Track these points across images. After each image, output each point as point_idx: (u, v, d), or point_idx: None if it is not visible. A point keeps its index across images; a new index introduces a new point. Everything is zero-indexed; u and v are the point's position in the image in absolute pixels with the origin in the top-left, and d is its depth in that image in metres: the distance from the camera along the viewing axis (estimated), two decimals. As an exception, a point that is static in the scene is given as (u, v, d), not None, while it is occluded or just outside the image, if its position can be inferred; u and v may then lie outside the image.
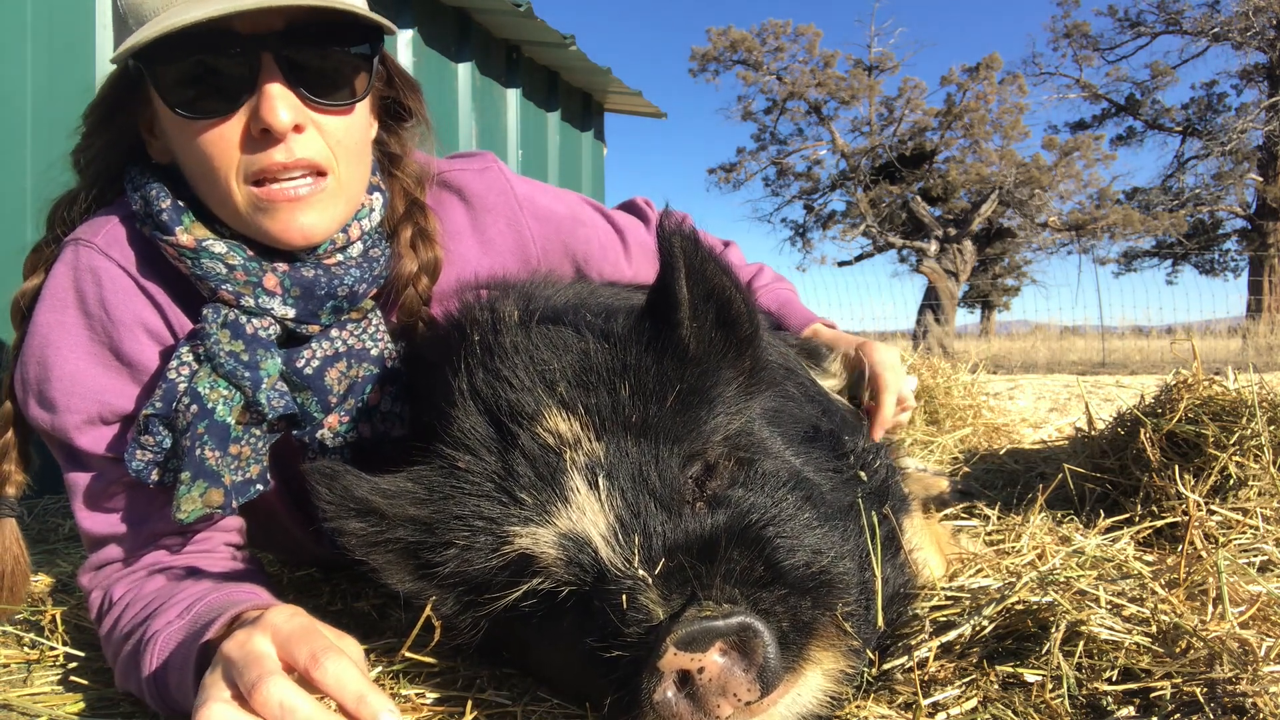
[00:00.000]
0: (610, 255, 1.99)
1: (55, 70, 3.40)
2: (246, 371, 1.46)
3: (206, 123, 1.41)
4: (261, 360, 1.47)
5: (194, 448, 1.43)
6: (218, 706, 1.06)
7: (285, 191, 1.44)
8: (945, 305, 24.15)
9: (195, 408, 1.43)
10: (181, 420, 1.44)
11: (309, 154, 1.44)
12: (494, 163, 1.85)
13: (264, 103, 1.38)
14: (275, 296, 1.50)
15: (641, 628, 1.02)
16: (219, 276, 1.48)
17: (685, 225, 1.22)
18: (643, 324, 1.24)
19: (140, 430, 1.45)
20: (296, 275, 1.51)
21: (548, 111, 7.55)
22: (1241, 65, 24.68)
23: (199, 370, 1.46)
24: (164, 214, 1.48)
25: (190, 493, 1.43)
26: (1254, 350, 14.91)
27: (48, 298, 1.52)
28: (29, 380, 1.52)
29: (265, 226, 1.47)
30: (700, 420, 1.22)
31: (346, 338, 1.58)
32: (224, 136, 1.41)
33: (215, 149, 1.42)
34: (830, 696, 1.10)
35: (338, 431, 1.56)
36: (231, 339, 1.46)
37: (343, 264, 1.56)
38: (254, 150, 1.42)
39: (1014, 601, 1.31)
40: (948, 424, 3.70)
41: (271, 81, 1.39)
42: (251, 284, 1.48)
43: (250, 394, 1.46)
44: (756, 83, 26.79)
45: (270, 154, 1.42)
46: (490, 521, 1.18)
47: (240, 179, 1.43)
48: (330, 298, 1.54)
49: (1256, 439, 1.99)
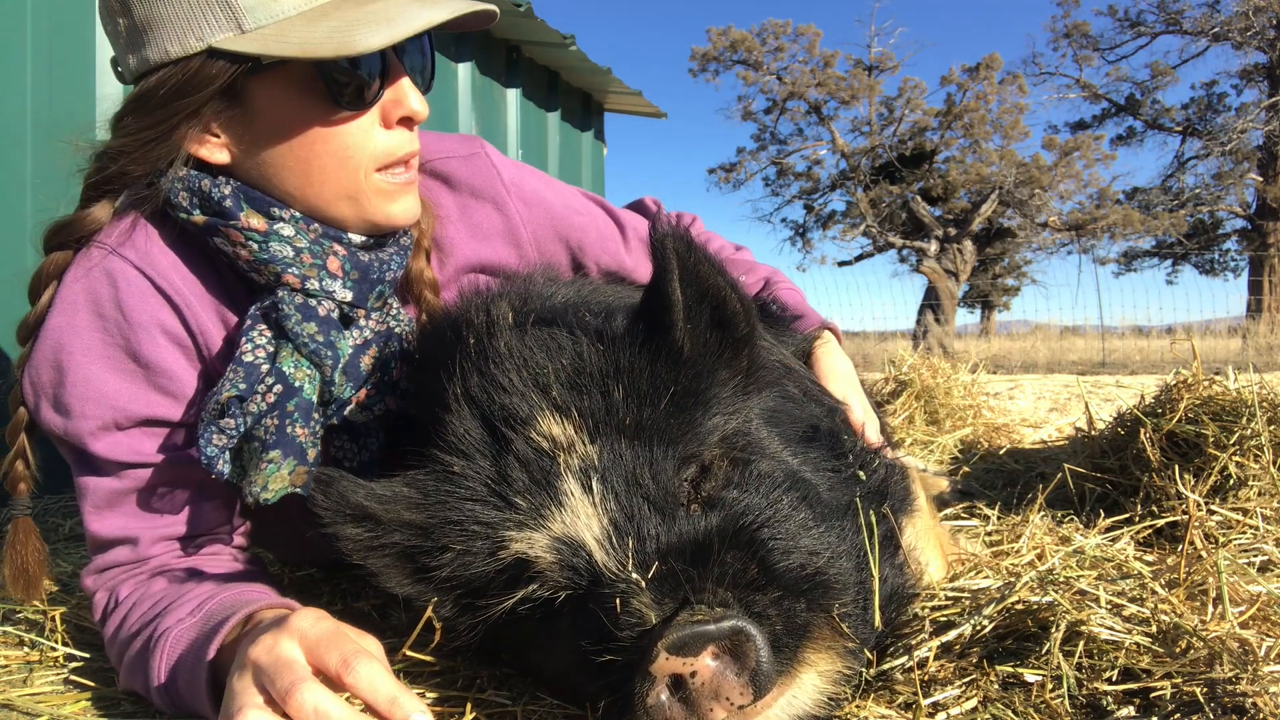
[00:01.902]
0: (609, 246, 1.99)
1: (55, 69, 3.40)
2: (328, 351, 1.49)
3: (348, 114, 1.49)
4: (336, 340, 1.52)
5: (285, 425, 1.45)
6: (254, 713, 1.07)
7: (402, 176, 1.57)
8: (945, 305, 24.16)
9: (279, 387, 1.45)
10: (260, 402, 1.44)
11: (415, 145, 1.59)
12: (481, 147, 1.85)
13: (407, 94, 1.52)
14: (337, 279, 1.54)
15: (634, 632, 1.02)
16: (286, 260, 1.50)
17: (681, 226, 1.22)
18: (637, 326, 1.24)
19: (216, 415, 1.43)
20: (355, 259, 1.56)
21: (548, 111, 7.55)
22: (1241, 65, 24.72)
23: (279, 350, 1.48)
24: (228, 199, 1.49)
25: (280, 471, 1.43)
26: (1254, 350, 14.91)
27: (60, 302, 1.50)
28: (41, 384, 1.50)
29: (386, 210, 1.56)
30: (695, 422, 1.22)
31: (375, 325, 1.61)
32: (361, 128, 1.51)
33: (354, 140, 1.50)
34: (827, 698, 1.09)
35: (365, 404, 1.57)
36: (304, 320, 1.49)
37: (389, 250, 1.62)
38: (390, 140, 1.54)
39: (1014, 601, 1.31)
40: (948, 424, 3.70)
41: (404, 75, 1.53)
42: (317, 267, 1.52)
43: (329, 372, 1.49)
44: (756, 83, 26.80)
45: (404, 143, 1.55)
46: (485, 526, 1.18)
47: (370, 169, 1.53)
48: (380, 282, 1.60)
49: (1256, 439, 1.99)
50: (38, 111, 3.34)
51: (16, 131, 3.30)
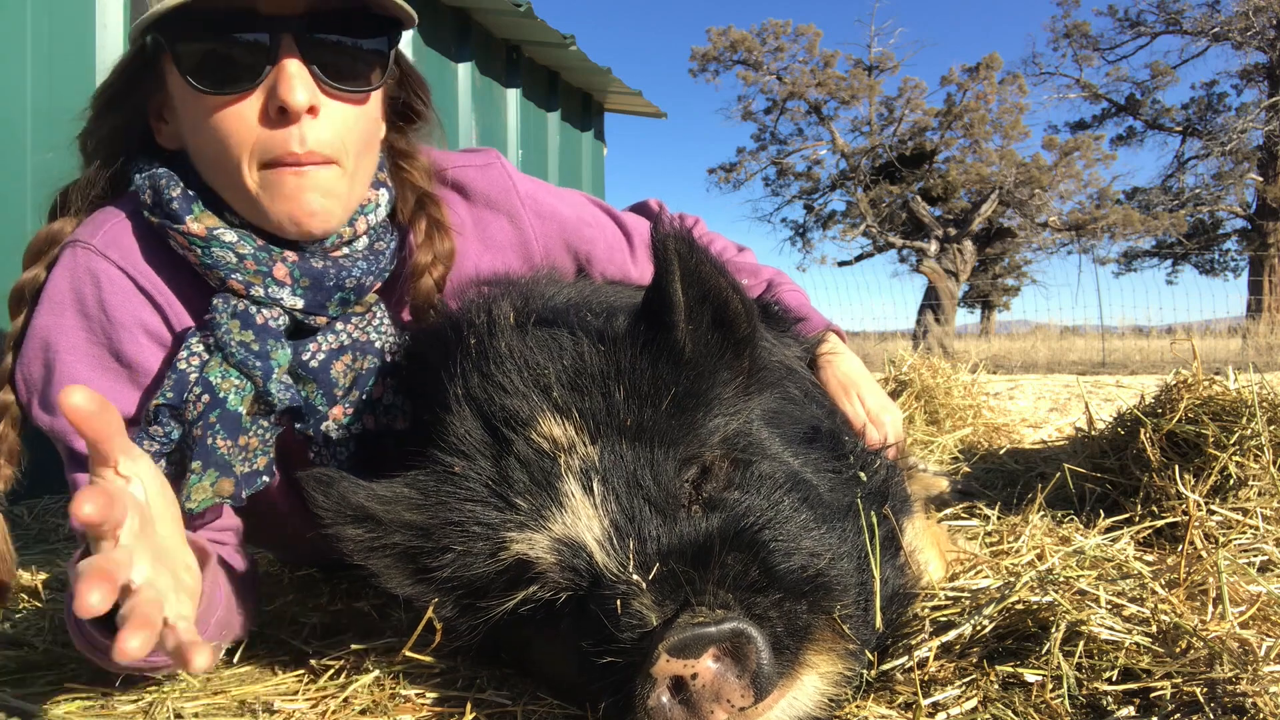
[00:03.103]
0: (616, 257, 1.99)
1: (55, 69, 3.40)
2: (258, 361, 1.46)
3: (224, 98, 1.41)
4: (272, 350, 1.48)
5: (206, 437, 1.44)
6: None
7: (294, 169, 1.44)
8: (945, 305, 24.14)
9: (207, 397, 1.44)
10: (192, 411, 1.44)
11: (320, 146, 1.44)
12: (497, 159, 1.85)
13: (282, 81, 1.39)
14: (285, 287, 1.51)
15: (635, 633, 1.02)
16: (229, 266, 1.48)
17: (684, 227, 1.22)
18: (638, 326, 1.24)
19: (149, 420, 1.45)
20: (305, 266, 1.52)
21: (548, 111, 7.55)
22: (1241, 65, 24.69)
23: (210, 360, 1.46)
24: (174, 202, 1.48)
25: (202, 482, 1.43)
26: (1254, 350, 14.90)
27: (46, 300, 1.52)
28: (32, 381, 1.52)
29: (275, 209, 1.46)
30: (696, 423, 1.22)
31: (351, 331, 1.59)
32: (240, 114, 1.42)
33: (231, 126, 1.42)
34: (828, 699, 1.09)
35: (342, 424, 1.56)
36: (242, 329, 1.47)
37: (349, 256, 1.58)
38: (270, 129, 1.42)
39: (1014, 601, 1.31)
40: (948, 424, 3.70)
41: (290, 60, 1.40)
42: (261, 274, 1.49)
43: (261, 384, 1.46)
44: (756, 83, 26.78)
45: (286, 142, 1.42)
46: (486, 527, 1.18)
47: (252, 163, 1.43)
48: (338, 289, 1.55)
49: (1256, 439, 1.99)
50: (38, 111, 3.34)
51: (17, 131, 3.30)
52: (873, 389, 2.02)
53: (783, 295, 2.27)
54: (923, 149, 26.25)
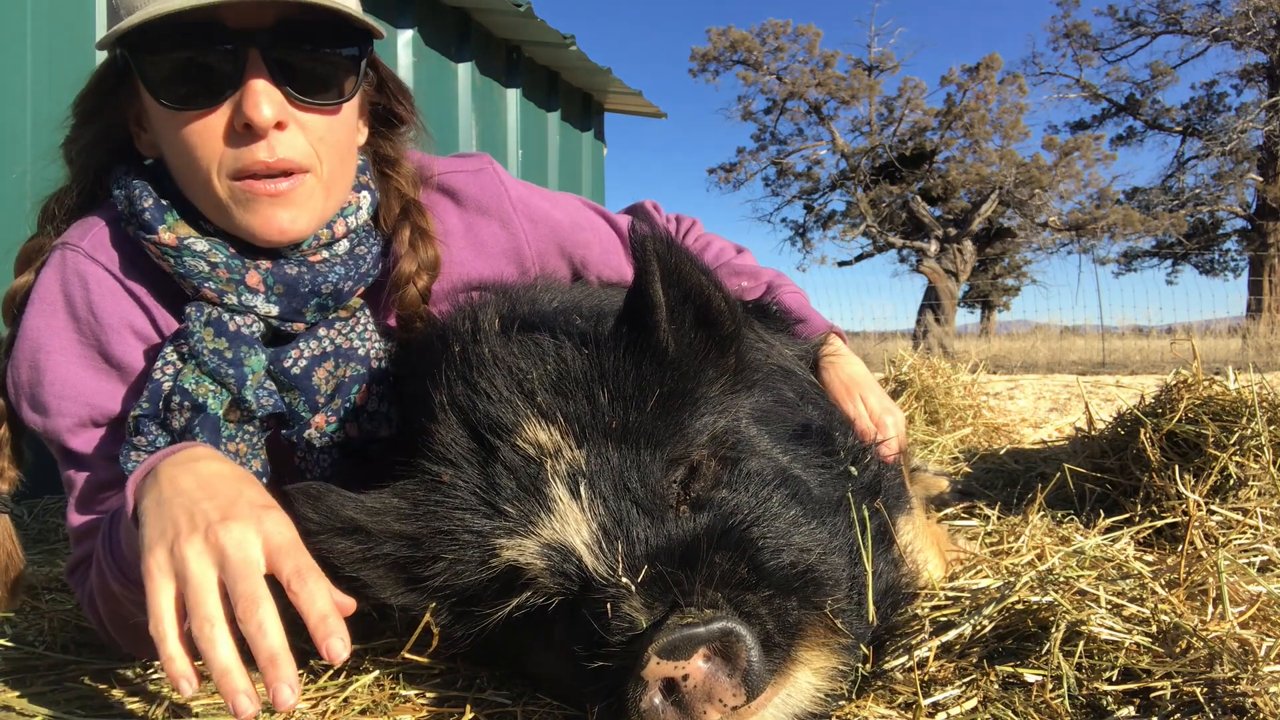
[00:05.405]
0: (611, 260, 1.98)
1: (55, 68, 3.40)
2: (230, 369, 1.46)
3: (191, 114, 1.41)
4: (245, 357, 1.47)
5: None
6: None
7: (266, 185, 1.43)
8: (945, 305, 24.15)
9: (188, 404, 1.44)
10: (178, 419, 1.44)
11: (292, 155, 1.44)
12: (489, 165, 1.84)
13: (247, 98, 1.38)
14: (258, 294, 1.50)
15: (625, 636, 1.02)
16: (201, 274, 1.48)
17: (669, 230, 1.22)
18: (621, 328, 1.23)
19: (131, 431, 1.46)
20: (280, 272, 1.51)
21: (548, 111, 7.55)
22: (1241, 65, 24.70)
23: (183, 368, 1.46)
24: (146, 213, 1.48)
25: None
26: (1254, 350, 14.91)
27: (36, 302, 1.52)
28: (21, 383, 1.52)
29: (246, 221, 1.46)
30: (683, 423, 1.22)
31: (334, 337, 1.58)
32: (208, 129, 1.41)
33: (198, 141, 1.42)
34: (824, 695, 1.09)
35: (325, 431, 1.55)
36: (215, 337, 1.47)
37: (327, 261, 1.56)
38: (237, 145, 1.41)
39: (1014, 601, 1.31)
40: (948, 424, 3.70)
41: (256, 77, 1.39)
42: (234, 281, 1.48)
43: (235, 391, 1.46)
44: (756, 83, 26.79)
45: (254, 152, 1.41)
46: (476, 535, 1.18)
47: (222, 174, 1.43)
48: (314, 295, 1.54)
49: (1256, 439, 1.99)
50: (38, 112, 3.34)
51: (17, 131, 3.30)
52: (875, 391, 2.02)
53: (782, 297, 2.27)
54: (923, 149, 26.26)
